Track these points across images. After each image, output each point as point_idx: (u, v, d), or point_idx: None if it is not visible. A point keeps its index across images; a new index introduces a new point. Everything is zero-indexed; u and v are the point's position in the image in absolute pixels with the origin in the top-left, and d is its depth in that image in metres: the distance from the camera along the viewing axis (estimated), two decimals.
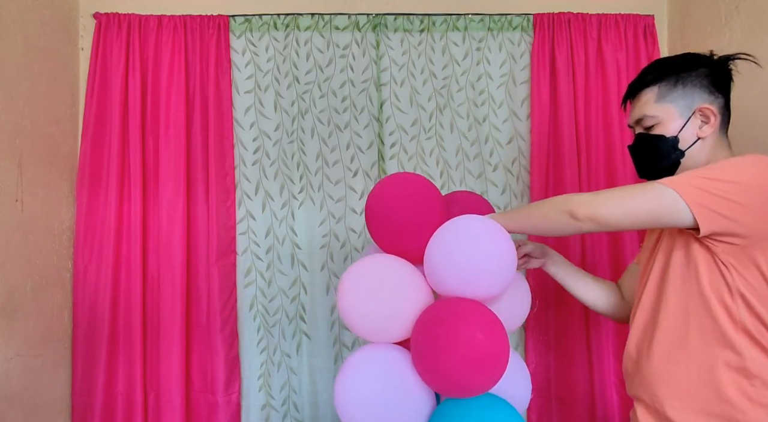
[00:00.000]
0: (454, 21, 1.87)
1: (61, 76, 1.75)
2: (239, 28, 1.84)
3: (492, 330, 1.09)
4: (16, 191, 1.50)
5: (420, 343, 1.13)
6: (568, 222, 1.00)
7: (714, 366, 0.95)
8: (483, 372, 1.08)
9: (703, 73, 1.05)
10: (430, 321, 1.13)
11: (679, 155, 1.03)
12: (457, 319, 1.09)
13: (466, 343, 1.06)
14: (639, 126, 1.09)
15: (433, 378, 1.12)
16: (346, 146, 1.86)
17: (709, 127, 1.03)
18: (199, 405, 1.80)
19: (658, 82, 1.05)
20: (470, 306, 1.12)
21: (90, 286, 1.74)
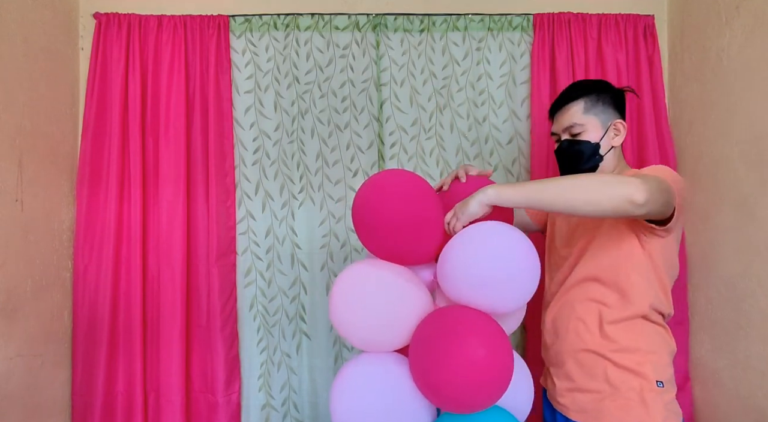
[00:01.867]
0: (454, 21, 1.87)
1: (61, 76, 1.75)
2: (239, 28, 1.84)
3: (496, 345, 1.04)
4: (16, 191, 1.50)
5: (419, 359, 1.07)
6: (626, 208, 1.01)
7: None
8: (485, 391, 1.03)
9: (612, 95, 1.26)
10: (430, 336, 1.06)
11: (599, 159, 1.24)
12: (459, 334, 1.03)
13: (468, 362, 1.00)
14: (566, 133, 1.27)
15: (432, 395, 1.07)
16: (346, 146, 1.86)
17: (619, 138, 1.25)
18: (199, 405, 1.80)
19: (584, 97, 1.25)
20: (474, 318, 1.07)
21: (90, 286, 1.74)
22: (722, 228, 1.61)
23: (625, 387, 1.14)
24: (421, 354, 1.07)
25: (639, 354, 1.16)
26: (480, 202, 1.09)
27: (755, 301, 1.48)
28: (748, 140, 1.51)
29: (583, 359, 1.20)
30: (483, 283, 1.07)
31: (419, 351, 1.08)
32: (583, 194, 1.03)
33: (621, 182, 1.01)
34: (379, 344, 1.16)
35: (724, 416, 1.58)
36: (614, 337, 1.17)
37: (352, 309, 1.13)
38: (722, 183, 1.62)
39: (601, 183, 1.04)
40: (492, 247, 1.07)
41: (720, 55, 1.63)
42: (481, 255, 1.07)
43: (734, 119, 1.57)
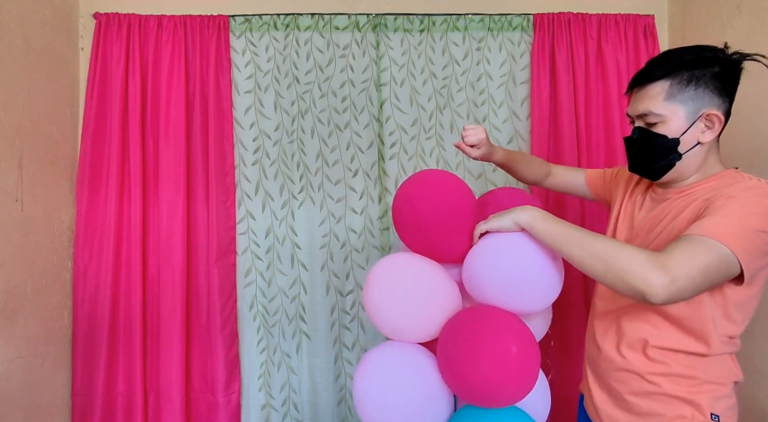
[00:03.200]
0: (454, 21, 1.87)
1: (61, 76, 1.75)
2: (239, 28, 1.84)
3: (527, 345, 1.06)
4: (16, 191, 1.50)
5: (450, 349, 1.09)
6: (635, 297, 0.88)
7: None
8: (513, 386, 1.05)
9: (715, 73, 0.99)
10: (463, 328, 1.09)
11: (676, 158, 1.00)
12: (493, 329, 1.06)
13: (501, 355, 1.03)
14: (641, 120, 1.03)
15: (459, 385, 1.09)
16: (346, 146, 1.86)
17: (711, 133, 0.99)
18: (199, 405, 1.80)
19: (670, 78, 0.98)
20: (507, 318, 1.09)
21: (90, 286, 1.74)
22: None
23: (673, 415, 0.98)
24: (452, 346, 1.08)
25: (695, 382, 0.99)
26: (514, 220, 1.05)
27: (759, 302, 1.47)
28: (749, 141, 1.51)
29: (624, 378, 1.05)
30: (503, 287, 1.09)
31: (451, 343, 1.09)
32: (601, 272, 0.91)
33: (637, 267, 0.86)
34: (408, 334, 1.17)
35: None
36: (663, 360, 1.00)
37: (387, 295, 1.14)
38: None
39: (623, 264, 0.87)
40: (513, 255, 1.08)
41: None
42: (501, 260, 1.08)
43: (734, 119, 1.56)
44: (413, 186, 1.17)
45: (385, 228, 1.85)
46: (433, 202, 1.12)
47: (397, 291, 1.14)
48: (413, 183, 1.18)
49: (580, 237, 0.95)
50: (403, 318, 1.15)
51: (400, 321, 1.16)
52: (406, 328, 1.17)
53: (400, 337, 1.19)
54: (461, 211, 1.14)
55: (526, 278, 1.08)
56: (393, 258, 1.20)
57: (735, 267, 0.88)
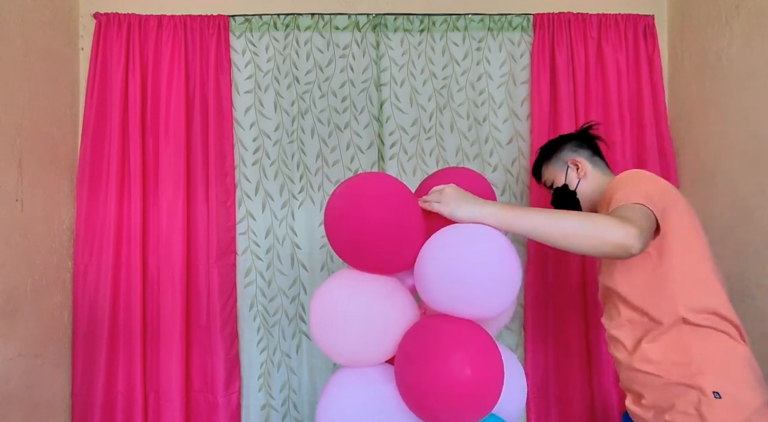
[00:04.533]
0: (454, 21, 1.87)
1: (61, 76, 1.75)
2: (239, 28, 1.84)
3: (484, 360, 0.99)
4: (16, 191, 1.50)
5: (404, 373, 1.03)
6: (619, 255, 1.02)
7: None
8: (472, 410, 0.99)
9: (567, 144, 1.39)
10: (415, 352, 1.01)
11: (573, 195, 1.34)
12: (444, 350, 0.98)
13: (454, 379, 0.96)
14: (548, 186, 1.43)
15: (419, 409, 1.03)
16: (346, 146, 1.86)
17: (582, 170, 1.34)
18: (199, 404, 1.80)
19: (543, 161, 1.43)
20: (460, 330, 1.01)
21: (90, 286, 1.74)
22: (720, 228, 1.61)
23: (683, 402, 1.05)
24: (406, 371, 1.03)
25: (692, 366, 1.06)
26: (474, 214, 1.06)
27: (753, 301, 1.48)
28: (748, 140, 1.51)
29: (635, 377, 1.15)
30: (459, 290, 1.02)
31: (404, 368, 1.03)
32: (579, 242, 1.02)
33: (613, 227, 1.00)
34: (365, 360, 1.11)
35: None
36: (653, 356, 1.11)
37: (332, 327, 1.08)
38: (721, 183, 1.62)
39: (594, 223, 1.02)
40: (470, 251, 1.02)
41: (720, 55, 1.63)
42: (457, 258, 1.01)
43: (734, 119, 1.57)
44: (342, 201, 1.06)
45: None
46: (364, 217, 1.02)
47: (337, 324, 1.07)
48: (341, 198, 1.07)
49: (550, 217, 1.07)
50: (353, 348, 1.08)
51: (352, 352, 1.09)
52: (359, 357, 1.10)
53: (360, 364, 1.12)
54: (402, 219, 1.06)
55: (485, 279, 1.01)
56: (329, 285, 1.12)
57: (652, 218, 1.08)
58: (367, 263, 1.10)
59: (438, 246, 1.05)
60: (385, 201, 1.06)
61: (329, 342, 1.10)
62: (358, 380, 1.12)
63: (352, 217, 1.04)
